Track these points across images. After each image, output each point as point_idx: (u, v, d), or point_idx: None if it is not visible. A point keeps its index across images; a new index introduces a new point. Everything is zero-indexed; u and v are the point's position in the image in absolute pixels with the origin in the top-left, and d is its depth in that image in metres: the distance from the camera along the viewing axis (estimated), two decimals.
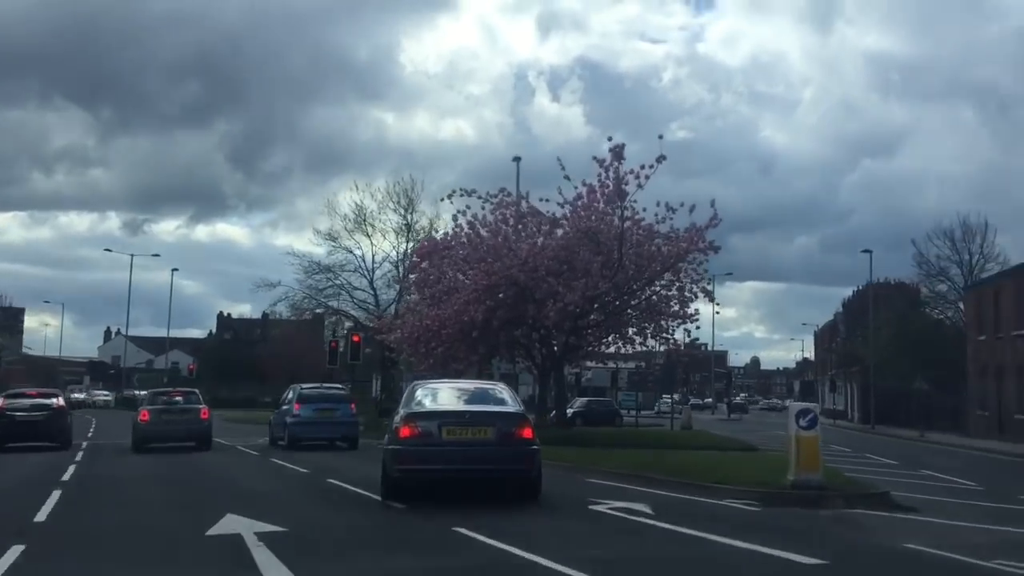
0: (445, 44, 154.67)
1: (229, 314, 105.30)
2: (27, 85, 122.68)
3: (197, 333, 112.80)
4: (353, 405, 25.96)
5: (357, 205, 47.08)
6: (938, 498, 14.41)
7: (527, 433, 11.65)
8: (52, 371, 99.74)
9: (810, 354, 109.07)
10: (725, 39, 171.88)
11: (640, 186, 24.95)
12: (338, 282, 46.12)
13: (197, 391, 26.43)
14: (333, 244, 46.61)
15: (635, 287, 26.89)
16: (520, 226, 27.20)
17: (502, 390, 13.00)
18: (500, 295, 25.92)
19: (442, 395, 12.67)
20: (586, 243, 25.82)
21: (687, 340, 31.45)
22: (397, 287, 43.22)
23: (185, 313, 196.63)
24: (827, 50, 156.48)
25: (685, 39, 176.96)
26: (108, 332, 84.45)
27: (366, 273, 46.75)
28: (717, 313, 64.28)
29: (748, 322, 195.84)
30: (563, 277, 25.35)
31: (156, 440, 23.49)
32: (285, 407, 25.54)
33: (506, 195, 27.60)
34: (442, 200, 27.08)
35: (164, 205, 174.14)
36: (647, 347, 32.67)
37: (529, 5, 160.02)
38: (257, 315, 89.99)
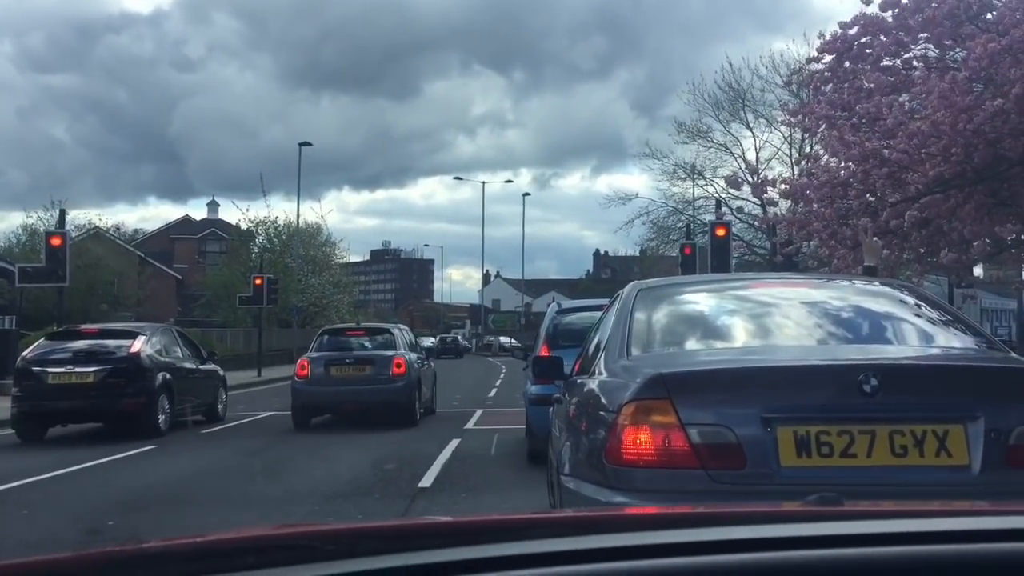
0: None
1: (606, 252, 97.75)
2: (449, 57, 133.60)
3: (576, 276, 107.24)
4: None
5: (731, 87, 35.65)
6: None
7: None
8: (439, 316, 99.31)
9: None
10: None
11: None
12: (710, 188, 36.82)
13: (399, 328, 16.44)
14: (704, 141, 36.79)
15: None
16: None
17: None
18: None
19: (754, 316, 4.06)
20: None
21: None
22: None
23: (582, 261, 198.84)
24: None
25: None
26: (487, 276, 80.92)
27: (746, 172, 36.16)
28: None
29: None
30: None
31: (322, 409, 14.38)
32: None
33: None
34: None
35: (569, 159, 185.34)
36: None
37: None
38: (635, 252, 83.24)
